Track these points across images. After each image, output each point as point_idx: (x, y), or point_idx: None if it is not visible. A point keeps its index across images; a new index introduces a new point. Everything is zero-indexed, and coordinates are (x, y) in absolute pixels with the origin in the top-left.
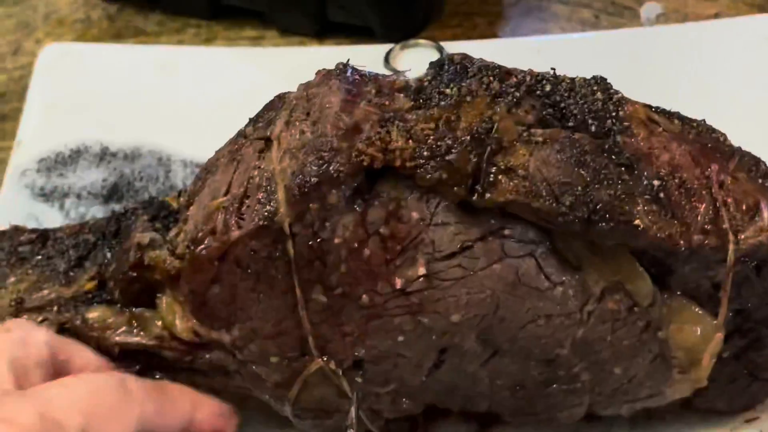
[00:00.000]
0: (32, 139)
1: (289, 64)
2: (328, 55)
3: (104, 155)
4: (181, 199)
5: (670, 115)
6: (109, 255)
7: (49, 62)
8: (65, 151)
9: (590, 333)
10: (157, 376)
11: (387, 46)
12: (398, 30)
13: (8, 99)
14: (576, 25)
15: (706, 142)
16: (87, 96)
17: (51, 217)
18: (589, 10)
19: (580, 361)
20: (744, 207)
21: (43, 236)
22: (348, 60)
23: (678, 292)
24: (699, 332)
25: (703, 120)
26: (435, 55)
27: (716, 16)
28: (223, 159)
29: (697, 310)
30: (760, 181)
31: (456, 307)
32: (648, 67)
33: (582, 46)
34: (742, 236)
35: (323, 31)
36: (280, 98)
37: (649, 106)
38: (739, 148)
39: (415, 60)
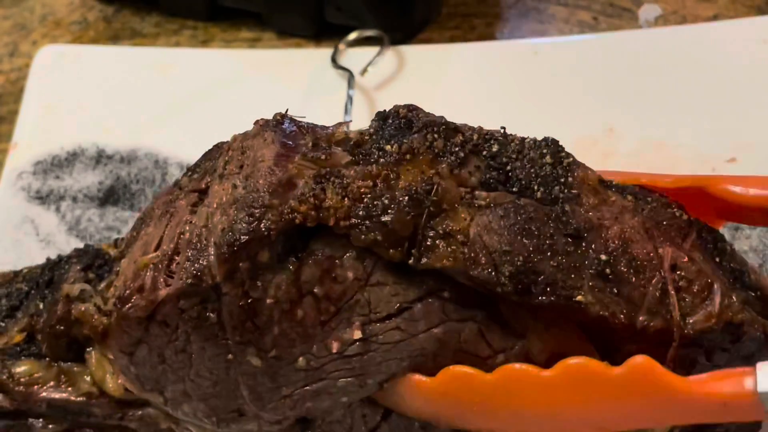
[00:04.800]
0: (28, 141)
1: (286, 66)
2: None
3: (100, 158)
4: (117, 248)
5: (623, 189)
6: (41, 305)
7: (46, 64)
8: (61, 154)
9: None
10: None
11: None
12: (396, 31)
13: (4, 101)
14: (574, 26)
15: (661, 218)
16: (83, 98)
17: (47, 220)
18: (588, 11)
19: None
20: (696, 289)
21: None
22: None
23: None
24: None
25: (660, 193)
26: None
27: (715, 17)
28: (157, 210)
29: None
30: (717, 259)
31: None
32: (647, 69)
33: (580, 48)
34: (691, 320)
35: (321, 33)
36: (219, 147)
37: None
38: (697, 221)
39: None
